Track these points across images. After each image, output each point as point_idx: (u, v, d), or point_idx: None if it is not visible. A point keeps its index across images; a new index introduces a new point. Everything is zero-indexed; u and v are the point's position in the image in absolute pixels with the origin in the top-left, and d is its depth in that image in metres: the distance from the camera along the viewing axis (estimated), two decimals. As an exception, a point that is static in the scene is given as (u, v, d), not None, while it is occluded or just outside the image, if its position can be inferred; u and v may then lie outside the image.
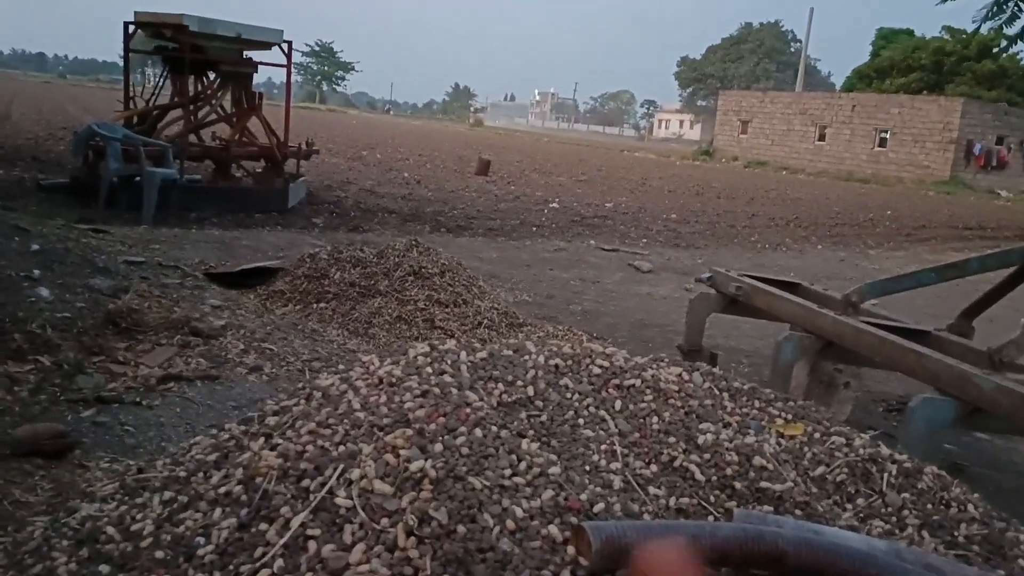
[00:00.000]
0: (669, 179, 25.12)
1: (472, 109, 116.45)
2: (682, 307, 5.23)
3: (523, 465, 1.34)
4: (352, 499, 1.26)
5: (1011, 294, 3.94)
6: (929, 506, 1.67)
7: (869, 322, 3.69)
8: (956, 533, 1.62)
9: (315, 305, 5.29)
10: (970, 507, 1.70)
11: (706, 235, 13.05)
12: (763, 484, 1.56)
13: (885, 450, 1.82)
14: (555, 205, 14.35)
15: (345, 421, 1.49)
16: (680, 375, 1.89)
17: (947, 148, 37.19)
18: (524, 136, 56.46)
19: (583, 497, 1.32)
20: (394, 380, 1.57)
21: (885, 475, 1.72)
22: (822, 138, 42.87)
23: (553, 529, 1.22)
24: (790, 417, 1.90)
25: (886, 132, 40.05)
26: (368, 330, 4.97)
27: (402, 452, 1.31)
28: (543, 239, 10.86)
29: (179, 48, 9.43)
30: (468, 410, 1.44)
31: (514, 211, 13.13)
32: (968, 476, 3.80)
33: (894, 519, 1.60)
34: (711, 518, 1.47)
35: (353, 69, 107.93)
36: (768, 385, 3.53)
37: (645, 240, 11.83)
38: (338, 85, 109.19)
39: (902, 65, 45.24)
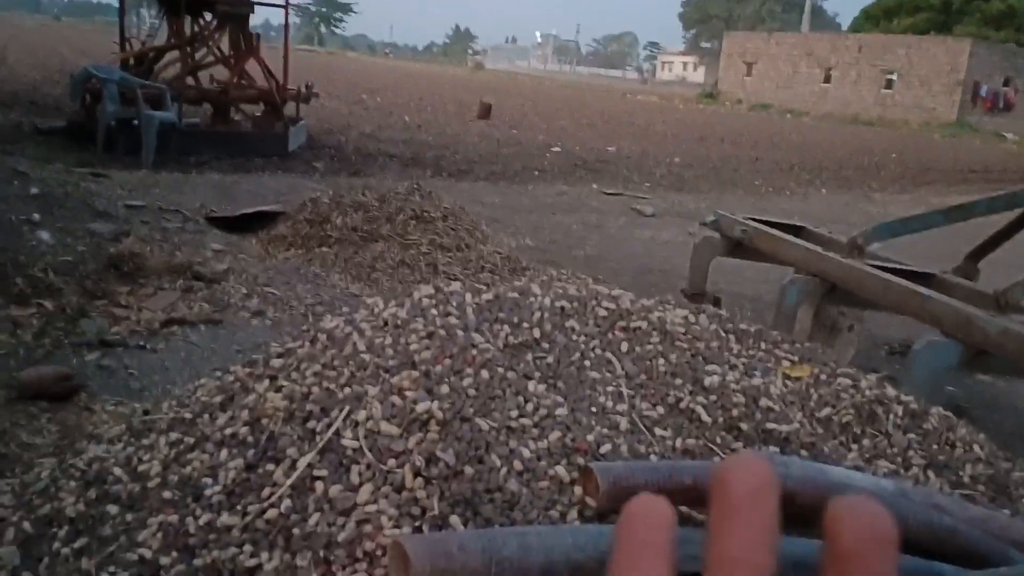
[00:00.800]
0: (672, 123, 24.88)
1: (470, 52, 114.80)
2: (685, 251, 5.20)
3: (530, 407, 1.34)
4: (359, 440, 1.26)
5: (1017, 236, 3.91)
6: (935, 446, 1.67)
7: (874, 265, 3.67)
8: (961, 473, 1.62)
9: (317, 250, 5.27)
10: (975, 447, 1.70)
11: (709, 179, 12.96)
12: (769, 425, 1.56)
13: (891, 391, 1.82)
14: (557, 149, 14.23)
15: (351, 363, 1.48)
16: (686, 317, 1.87)
17: (954, 90, 36.75)
18: (525, 79, 55.77)
19: (590, 438, 1.31)
20: (399, 322, 1.56)
21: (891, 416, 1.71)
22: (828, 80, 42.35)
23: (560, 470, 1.22)
24: (796, 359, 1.89)
25: (892, 74, 39.54)
26: (371, 275, 4.96)
27: (408, 394, 1.31)
28: (545, 183, 10.78)
29: (175, -12, 9.26)
30: (474, 352, 1.43)
31: (516, 155, 13.02)
32: (971, 418, 3.81)
33: (900, 459, 1.60)
34: (717, 459, 1.47)
35: (351, 11, 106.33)
36: (772, 328, 3.53)
37: (648, 184, 11.74)
38: (337, 27, 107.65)
39: (910, 5, 44.49)
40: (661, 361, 1.66)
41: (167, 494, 1.35)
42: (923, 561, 1.24)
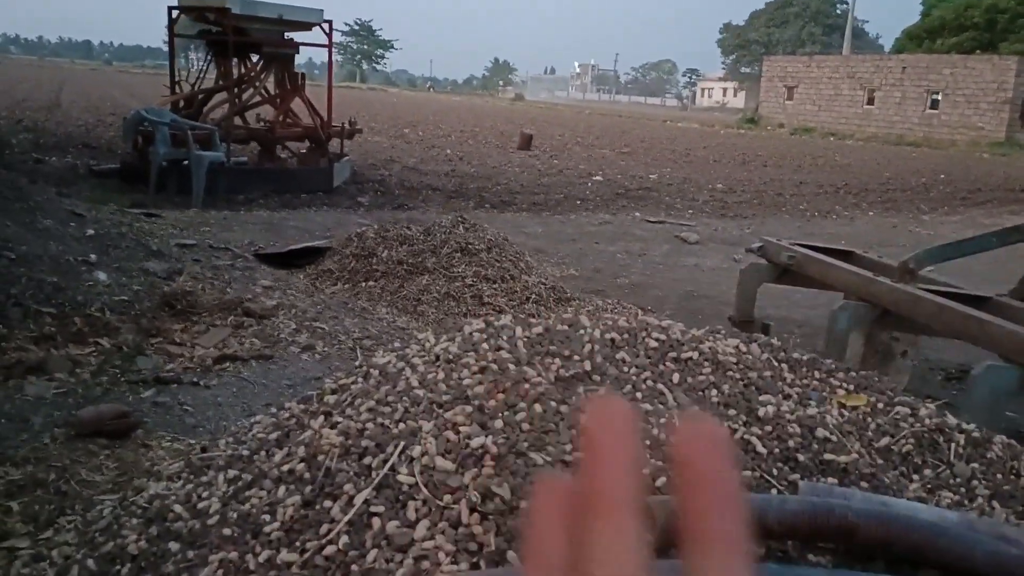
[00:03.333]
0: (714, 148, 24.78)
1: (500, 84, 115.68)
2: (731, 278, 5.16)
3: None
4: (414, 476, 1.26)
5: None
6: (999, 476, 1.63)
7: (927, 289, 3.61)
8: (1028, 503, 1.58)
9: (364, 283, 5.33)
10: (1041, 476, 1.66)
11: (753, 204, 12.86)
12: (827, 456, 1.54)
13: (952, 420, 1.78)
14: (599, 178, 14.25)
15: (404, 398, 1.49)
16: (738, 347, 1.86)
17: (1002, 108, 36.09)
18: (565, 109, 56.05)
19: (644, 471, 1.31)
20: (451, 357, 1.57)
21: (952, 445, 1.68)
22: (871, 102, 41.89)
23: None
24: (852, 387, 1.87)
25: (938, 94, 38.99)
26: (417, 307, 4.99)
27: (462, 429, 1.31)
28: (588, 212, 10.80)
29: (222, 31, 9.51)
30: (527, 386, 1.43)
31: (558, 185, 13.07)
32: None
33: (963, 490, 1.56)
34: (775, 491, 1.45)
35: (392, 47, 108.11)
36: (823, 355, 3.48)
37: (691, 211, 11.69)
38: (378, 64, 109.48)
39: (954, 24, 43.93)
40: (714, 392, 1.65)
41: (227, 531, 1.36)
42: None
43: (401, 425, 1.41)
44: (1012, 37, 41.48)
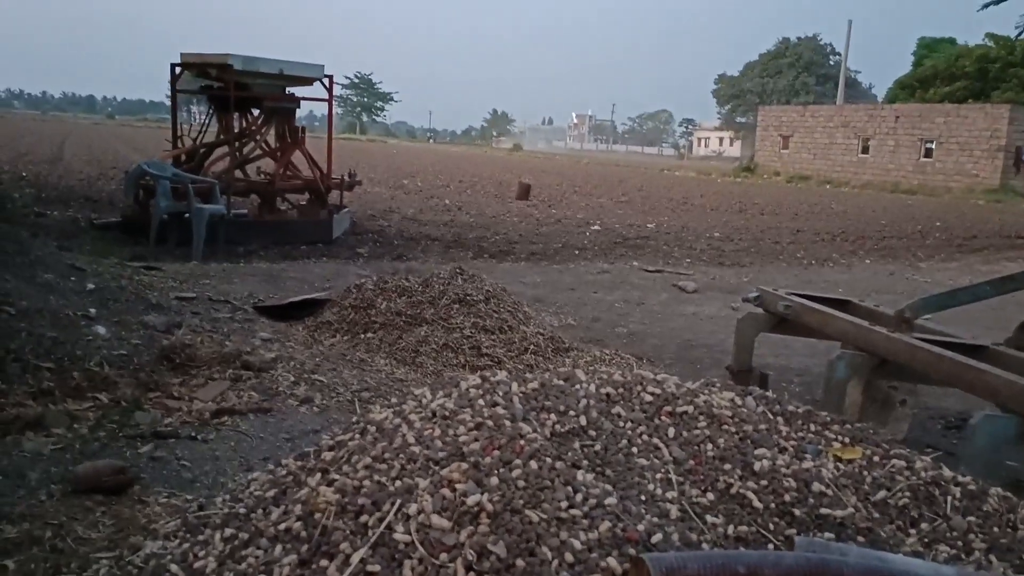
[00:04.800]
0: (711, 197, 24.97)
1: (495, 134, 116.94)
2: (729, 326, 5.18)
3: (579, 496, 1.34)
4: (410, 534, 1.27)
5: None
6: (996, 529, 1.63)
7: (923, 338, 3.62)
8: (1025, 556, 1.58)
9: (362, 335, 5.34)
10: (1038, 529, 1.66)
11: (751, 252, 12.93)
12: (823, 510, 1.54)
13: (948, 472, 1.78)
14: (597, 227, 14.35)
15: (400, 455, 1.50)
16: (733, 400, 1.87)
17: (995, 156, 36.47)
18: (563, 159, 56.60)
19: (640, 528, 1.31)
20: (447, 413, 1.58)
21: (949, 498, 1.68)
22: (865, 151, 42.35)
23: (612, 561, 1.22)
24: (847, 440, 1.87)
25: (931, 142, 39.44)
26: (415, 358, 5.00)
27: (458, 486, 1.32)
28: (586, 262, 10.85)
29: (224, 87, 9.65)
30: (522, 442, 1.44)
31: (556, 234, 13.15)
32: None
33: (960, 543, 1.56)
34: (771, 546, 1.45)
35: (392, 99, 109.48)
36: (822, 404, 3.49)
37: (689, 260, 11.75)
38: (378, 115, 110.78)
39: (945, 74, 44.57)
40: (709, 446, 1.66)
41: (223, 590, 1.36)
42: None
43: (397, 483, 1.41)
44: (1003, 85, 42.05)
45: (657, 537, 1.33)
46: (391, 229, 12.10)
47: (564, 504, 1.31)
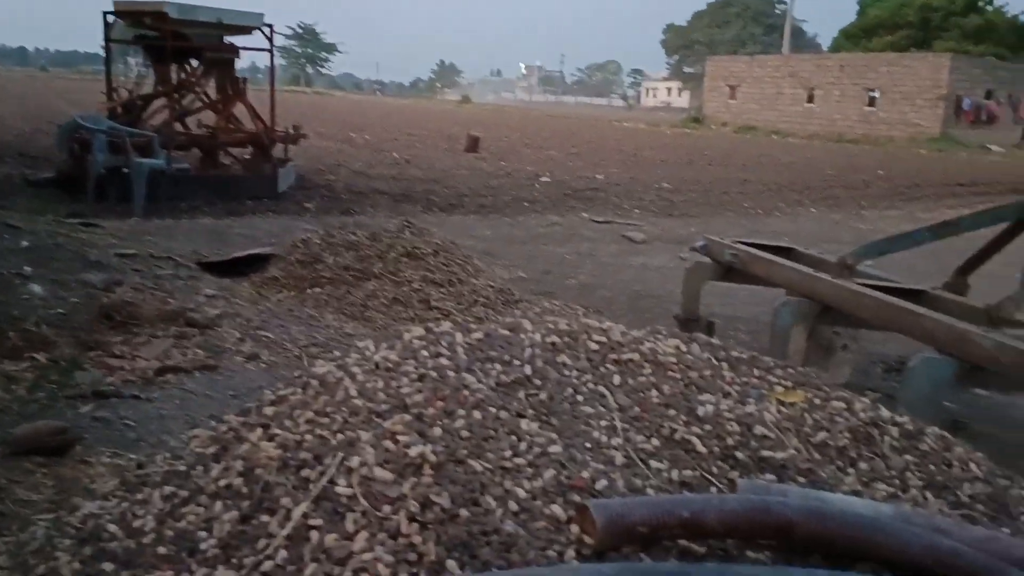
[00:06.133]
0: (660, 148, 25.05)
1: (439, 86, 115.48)
2: (677, 276, 5.22)
3: (524, 445, 1.34)
4: (353, 487, 1.25)
5: (1006, 249, 3.93)
6: (932, 467, 1.67)
7: (865, 284, 3.68)
8: (960, 493, 1.62)
9: (310, 290, 5.27)
10: (973, 466, 1.70)
11: (699, 203, 13.03)
12: (765, 453, 1.56)
13: (886, 413, 1.82)
14: (547, 179, 14.31)
15: (343, 409, 1.48)
16: (678, 347, 1.88)
17: (937, 105, 37.11)
18: (512, 111, 56.19)
19: (586, 475, 1.31)
20: (390, 365, 1.56)
21: (887, 438, 1.71)
22: (811, 100, 42.75)
23: (557, 509, 1.22)
24: (790, 384, 1.89)
25: (875, 91, 39.95)
26: (364, 313, 4.96)
27: (401, 438, 1.30)
28: (536, 214, 10.83)
29: (160, 36, 9.34)
30: (466, 392, 1.43)
31: (506, 187, 13.09)
32: (970, 433, 3.81)
33: (897, 482, 1.60)
34: (715, 490, 1.46)
35: (337, 51, 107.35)
36: (767, 351, 3.53)
37: (638, 211, 11.80)
38: (323, 67, 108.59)
39: (889, 23, 45.06)
40: (654, 392, 1.66)
41: (162, 549, 1.34)
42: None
43: (340, 436, 1.39)
44: (945, 35, 42.66)
45: (602, 483, 1.34)
46: (339, 183, 11.93)
47: (508, 453, 1.31)
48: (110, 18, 9.52)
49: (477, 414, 1.37)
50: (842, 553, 1.32)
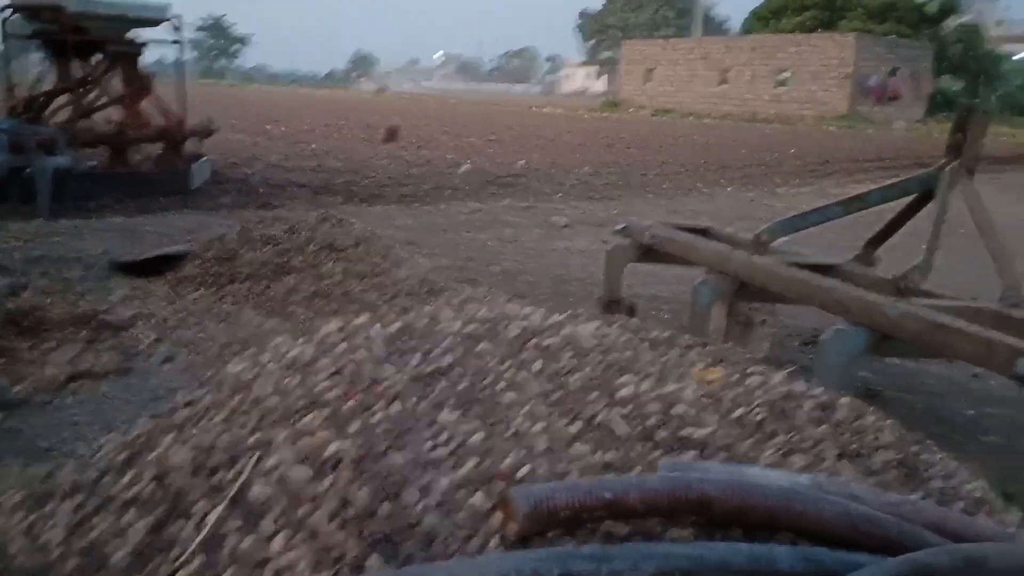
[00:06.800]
0: (579, 133, 25.22)
1: (355, 76, 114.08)
2: (600, 259, 5.26)
3: (444, 437, 1.32)
4: (269, 488, 1.22)
5: (912, 221, 4.07)
6: (846, 436, 1.71)
7: (778, 260, 3.77)
8: (873, 460, 1.67)
9: (228, 287, 5.15)
10: (885, 433, 1.75)
11: (619, 186, 13.17)
12: (686, 431, 1.58)
13: (801, 385, 1.86)
14: (467, 167, 14.26)
15: (257, 408, 1.44)
16: (598, 329, 1.89)
17: (843, 84, 38.26)
18: (431, 99, 55.81)
19: (508, 463, 1.30)
20: (306, 361, 1.53)
21: (802, 410, 1.75)
22: (724, 82, 43.57)
23: (479, 499, 1.21)
24: (708, 362, 1.92)
25: (785, 71, 40.93)
26: (285, 309, 4.87)
27: (317, 435, 1.28)
28: (458, 202, 10.79)
29: (60, 30, 8.97)
30: (383, 386, 1.41)
31: (426, 176, 13.01)
32: (883, 401, 3.98)
33: (813, 452, 1.63)
34: (638, 470, 1.47)
35: (246, 42, 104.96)
36: (688, 329, 3.59)
37: (560, 195, 11.87)
38: (235, 59, 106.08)
39: (796, 4, 46.16)
40: (575, 377, 1.67)
41: (72, 562, 1.28)
42: (820, 550, 1.26)
43: (254, 436, 1.36)
44: (850, 14, 43.90)
45: (525, 471, 1.33)
46: (255, 177, 11.68)
47: (428, 445, 1.29)
48: (6, 12, 9.10)
49: (395, 407, 1.35)
50: (761, 525, 1.34)
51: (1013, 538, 1.53)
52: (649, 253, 4.63)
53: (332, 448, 1.25)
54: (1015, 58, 53.34)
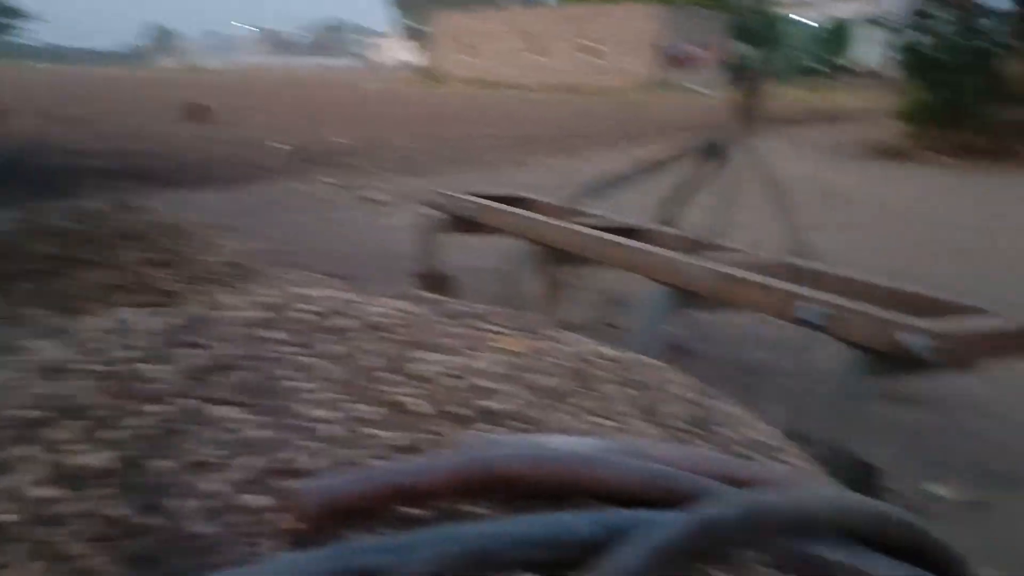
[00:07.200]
0: (399, 108, 24.94)
1: (157, 51, 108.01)
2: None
3: (221, 436, 1.23)
4: (18, 511, 1.09)
5: (709, 181, 4.25)
6: (645, 395, 1.74)
7: (588, 224, 3.85)
8: (670, 415, 1.70)
9: (11, 285, 4.71)
10: (682, 390, 1.80)
11: (442, 160, 13.14)
12: (487, 405, 1.55)
13: (603, 348, 1.88)
14: (284, 146, 13.79)
15: (12, 420, 1.28)
16: (397, 307, 1.82)
17: (650, 53, 39.78)
18: (243, 76, 53.49)
19: (293, 457, 1.22)
20: (62, 365, 1.38)
21: (603, 373, 1.76)
22: (541, 53, 44.28)
23: (261, 499, 1.12)
24: (513, 331, 1.90)
25: (598, 43, 42.10)
26: (76, 304, 4.50)
27: (71, 448, 1.15)
28: (274, 182, 10.43)
29: None
30: (151, 386, 1.29)
31: (239, 156, 12.50)
32: (691, 355, 4.17)
33: (615, 414, 1.65)
34: (439, 449, 1.43)
35: (23, 15, 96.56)
36: (504, 299, 3.61)
37: (380, 172, 11.69)
38: (17, 36, 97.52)
39: (603, -26, 47.34)
40: (371, 357, 1.60)
41: None
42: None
43: (6, 451, 1.21)
44: (654, -15, 45.51)
45: (316, 462, 1.26)
46: (46, 164, 10.79)
47: (202, 447, 1.19)
48: None
49: (164, 408, 1.24)
50: (561, 493, 1.33)
51: (801, 483, 1.60)
52: (464, 224, 4.62)
53: (90, 460, 1.12)
54: (802, 23, 57.13)
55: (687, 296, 3.13)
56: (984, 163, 15.28)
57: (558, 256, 3.94)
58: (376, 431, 1.40)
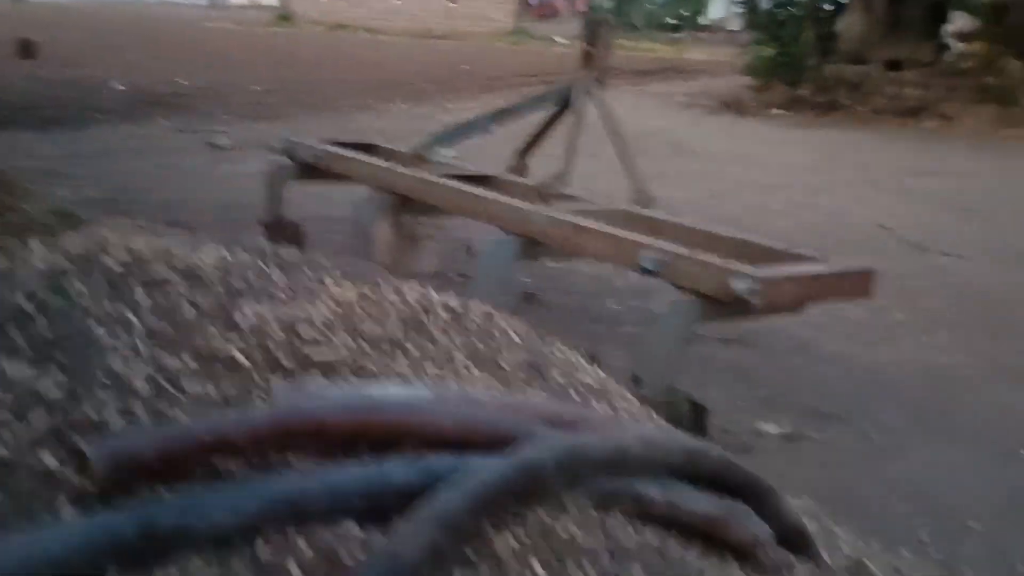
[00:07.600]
0: (249, 49, 23.87)
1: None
2: (266, 182, 5.02)
3: (8, 393, 1.14)
4: None
5: (558, 130, 4.27)
6: (477, 342, 1.74)
7: (438, 173, 3.81)
8: (502, 362, 1.70)
9: None
10: (513, 336, 1.81)
11: (292, 104, 12.69)
12: (313, 355, 1.51)
13: (435, 296, 1.86)
14: (122, 87, 12.96)
15: None
16: (220, 256, 1.75)
17: (509, 1, 39.59)
18: (78, 9, 49.79)
19: (91, 413, 1.15)
20: None
21: (435, 320, 1.75)
22: (398, -3, 43.25)
23: (48, 459, 1.05)
24: (343, 280, 1.86)
25: (455, -12, 41.46)
26: None
27: None
28: (110, 126, 9.81)
29: None
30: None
31: (72, 97, 11.65)
32: (540, 304, 4.25)
33: (445, 361, 1.64)
34: (259, 401, 1.38)
35: None
36: (353, 249, 3.54)
37: (227, 116, 11.20)
38: None
39: (462, -81, 46.51)
40: (190, 308, 1.53)
41: None
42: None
43: None
44: (513, -67, 45.11)
45: (121, 419, 1.18)
46: None
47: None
48: None
49: (-60, 366, 1.14)
50: (382, 442, 1.31)
51: (624, 425, 1.65)
52: (312, 172, 4.49)
53: None
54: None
55: (534, 245, 3.16)
56: (816, 116, 16.14)
57: (408, 205, 3.88)
58: (191, 384, 1.34)
